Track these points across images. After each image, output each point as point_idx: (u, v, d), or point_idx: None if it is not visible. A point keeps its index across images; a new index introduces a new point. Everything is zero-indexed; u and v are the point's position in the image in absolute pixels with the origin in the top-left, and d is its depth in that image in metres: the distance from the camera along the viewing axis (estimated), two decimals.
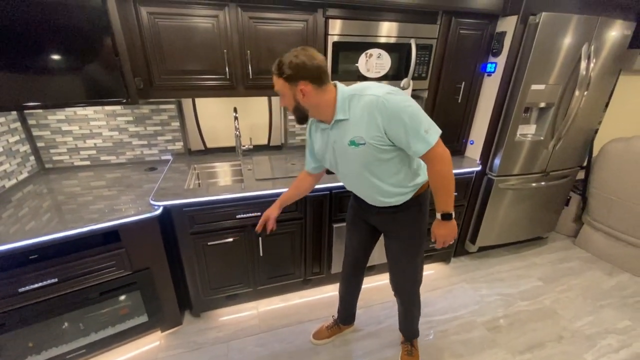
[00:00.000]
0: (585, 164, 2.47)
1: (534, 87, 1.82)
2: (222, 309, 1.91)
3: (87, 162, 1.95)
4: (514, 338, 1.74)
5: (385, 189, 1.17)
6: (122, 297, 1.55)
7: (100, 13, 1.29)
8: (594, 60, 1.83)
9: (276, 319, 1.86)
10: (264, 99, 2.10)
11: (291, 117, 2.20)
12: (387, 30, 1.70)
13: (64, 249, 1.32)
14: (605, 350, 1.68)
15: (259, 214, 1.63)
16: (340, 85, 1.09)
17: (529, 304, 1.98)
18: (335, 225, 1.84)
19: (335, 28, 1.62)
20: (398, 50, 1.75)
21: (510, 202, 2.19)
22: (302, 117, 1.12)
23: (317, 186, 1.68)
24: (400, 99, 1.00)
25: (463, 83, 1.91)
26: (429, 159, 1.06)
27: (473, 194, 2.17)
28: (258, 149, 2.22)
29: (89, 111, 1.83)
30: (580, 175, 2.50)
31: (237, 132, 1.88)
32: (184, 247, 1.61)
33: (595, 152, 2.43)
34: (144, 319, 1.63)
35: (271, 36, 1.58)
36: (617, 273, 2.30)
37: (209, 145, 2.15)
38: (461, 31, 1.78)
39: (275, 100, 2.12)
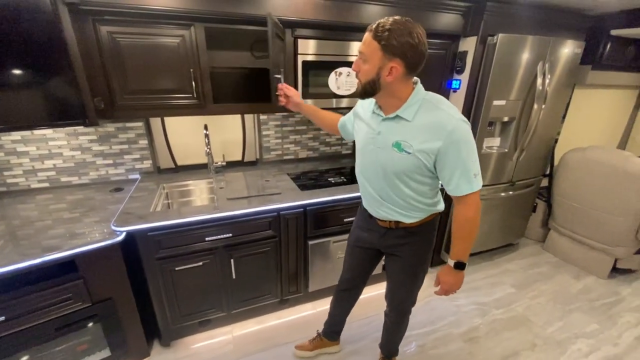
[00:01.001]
0: (548, 172, 2.60)
1: (496, 102, 1.91)
2: (194, 336, 1.81)
3: (46, 184, 1.82)
4: (490, 348, 1.76)
5: (407, 206, 1.12)
6: (81, 332, 1.43)
7: (53, 30, 1.23)
8: (549, 77, 1.96)
9: (252, 343, 1.78)
10: (237, 115, 2.07)
11: (265, 132, 2.19)
12: (356, 49, 1.74)
13: (13, 282, 1.21)
14: (575, 356, 1.73)
15: (229, 235, 1.58)
16: (420, 85, 1.01)
17: (503, 312, 2.02)
18: (311, 243, 1.81)
19: (304, 47, 1.64)
20: None
21: (481, 211, 2.24)
22: (369, 92, 0.98)
23: (291, 203, 1.66)
24: (468, 131, 0.96)
25: None
26: (465, 202, 1.02)
27: (445, 205, 2.21)
28: (232, 165, 2.18)
29: (47, 130, 1.73)
30: (545, 182, 2.64)
31: (208, 150, 1.83)
32: (150, 273, 1.52)
33: (556, 161, 2.56)
34: (105, 353, 1.51)
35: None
36: (583, 276, 2.40)
37: (180, 162, 2.08)
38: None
39: (248, 116, 2.10)
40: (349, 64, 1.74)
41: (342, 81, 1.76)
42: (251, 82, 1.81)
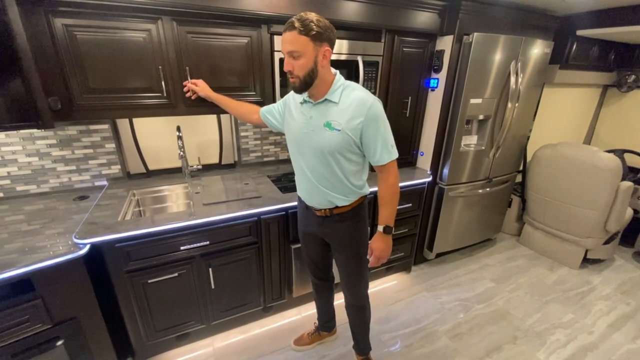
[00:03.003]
0: (521, 168, 2.69)
1: (472, 100, 1.94)
2: (172, 351, 1.70)
3: (0, 194, 1.65)
4: (474, 344, 1.78)
5: (341, 187, 1.20)
6: (43, 356, 1.29)
7: None
8: (521, 76, 2.01)
9: (235, 354, 1.70)
10: (213, 115, 1.97)
11: (244, 133, 2.10)
12: (335, 47, 1.70)
13: None
14: (555, 347, 1.78)
15: (207, 243, 1.49)
16: (339, 74, 1.15)
17: (485, 307, 2.06)
18: (293, 247, 1.75)
19: (280, 45, 1.58)
20: (346, 67, 1.76)
21: (460, 208, 2.29)
22: (309, 83, 1.08)
23: (272, 207, 1.60)
24: (382, 108, 1.12)
25: (410, 98, 1.98)
26: (386, 170, 1.16)
27: (426, 204, 2.23)
28: (209, 168, 2.08)
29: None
30: (519, 178, 2.73)
31: (181, 153, 1.73)
32: (119, 288, 1.41)
33: (528, 157, 2.66)
34: None
35: (213, 52, 1.49)
36: (557, 267, 2.50)
37: (152, 167, 1.96)
38: (404, 49, 1.85)
39: (225, 117, 2.01)
40: None
41: None
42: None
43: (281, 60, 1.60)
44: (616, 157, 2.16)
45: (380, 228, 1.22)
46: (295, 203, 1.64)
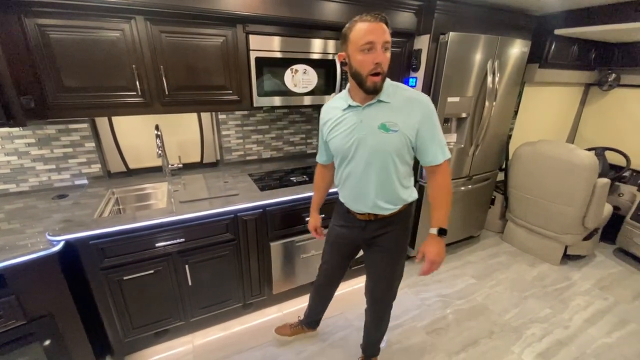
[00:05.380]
0: (503, 166, 2.72)
1: (450, 99, 1.97)
2: (150, 349, 1.71)
3: None
4: (452, 339, 1.80)
5: (391, 191, 1.16)
6: (17, 352, 1.30)
7: None
8: (498, 75, 2.04)
9: (214, 351, 1.71)
10: (193, 114, 1.99)
11: (225, 132, 2.12)
12: (311, 46, 1.72)
13: None
14: (530, 340, 1.81)
15: (182, 240, 1.51)
16: None
17: (464, 302, 2.09)
18: (273, 244, 1.77)
19: (257, 44, 1.60)
20: (323, 66, 1.78)
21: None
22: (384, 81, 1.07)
23: (249, 204, 1.62)
24: (434, 107, 1.10)
25: None
26: (440, 170, 1.12)
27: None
28: (190, 167, 2.09)
29: None
30: (501, 176, 2.76)
31: (160, 152, 1.75)
32: (95, 284, 1.42)
33: (510, 155, 2.69)
34: None
35: (188, 51, 1.51)
36: (538, 264, 2.53)
37: (132, 166, 1.97)
38: None
39: (205, 115, 2.03)
40: (304, 61, 1.72)
41: (298, 79, 1.74)
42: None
43: (257, 60, 1.62)
44: (592, 154, 2.20)
45: (433, 231, 1.14)
46: (273, 201, 1.67)
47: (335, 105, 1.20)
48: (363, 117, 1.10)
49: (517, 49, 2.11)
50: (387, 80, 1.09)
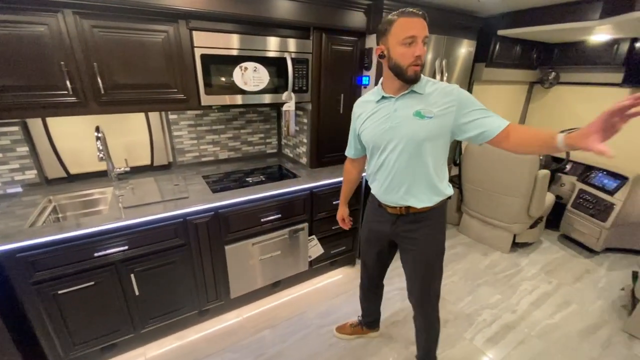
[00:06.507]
0: (457, 161, 2.85)
1: None
2: None
3: None
4: (408, 330, 1.84)
5: (426, 176, 1.15)
6: None
7: None
8: (447, 74, 2.13)
9: None
10: (141, 114, 1.89)
11: (177, 132, 2.04)
12: (261, 43, 1.69)
13: None
14: (481, 326, 1.91)
15: (125, 248, 1.42)
16: None
17: None
18: (228, 247, 1.72)
19: (202, 40, 1.55)
20: (275, 64, 1.76)
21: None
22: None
23: (199, 207, 1.57)
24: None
25: (342, 95, 2.02)
26: (508, 131, 1.02)
27: (366, 197, 2.29)
28: (140, 170, 1.99)
29: None
30: (456, 171, 2.88)
31: (102, 155, 1.64)
32: (26, 300, 1.30)
33: (463, 151, 2.82)
34: None
35: (126, 47, 1.42)
36: (490, 253, 2.68)
37: (74, 171, 1.84)
38: (333, 46, 1.88)
39: (154, 115, 1.93)
40: (254, 59, 1.69)
41: (249, 77, 1.70)
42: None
43: (203, 56, 1.57)
44: None
45: (560, 137, 0.88)
46: (225, 203, 1.63)
47: (368, 99, 1.24)
48: (397, 106, 1.13)
49: (464, 48, 2.21)
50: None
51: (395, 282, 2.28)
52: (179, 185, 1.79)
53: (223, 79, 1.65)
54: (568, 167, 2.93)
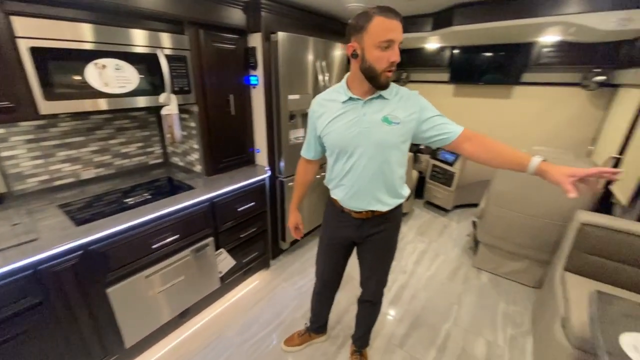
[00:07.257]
0: None
1: (290, 97, 2.07)
2: None
3: None
4: (346, 326, 1.93)
5: (392, 182, 1.17)
6: None
7: None
8: (327, 74, 2.30)
9: None
10: None
11: (6, 152, 1.50)
12: (124, 37, 1.40)
13: None
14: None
15: None
16: None
17: None
18: (110, 289, 1.39)
19: (31, 29, 1.16)
20: (145, 62, 1.49)
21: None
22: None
23: (60, 248, 1.20)
24: None
25: (232, 95, 1.91)
26: (467, 136, 1.09)
27: (272, 197, 2.28)
28: None
29: None
30: None
31: None
32: None
33: None
34: None
35: None
36: None
37: None
38: (214, 44, 1.74)
39: None
40: (115, 55, 1.39)
41: (109, 76, 1.39)
42: None
43: (34, 50, 1.18)
44: None
45: (537, 160, 0.96)
46: (98, 236, 1.31)
47: (332, 98, 1.17)
48: (366, 110, 1.10)
49: (340, 51, 2.42)
50: None
51: (309, 273, 2.36)
52: (20, 224, 1.31)
53: (72, 79, 1.29)
54: (423, 147, 3.68)
